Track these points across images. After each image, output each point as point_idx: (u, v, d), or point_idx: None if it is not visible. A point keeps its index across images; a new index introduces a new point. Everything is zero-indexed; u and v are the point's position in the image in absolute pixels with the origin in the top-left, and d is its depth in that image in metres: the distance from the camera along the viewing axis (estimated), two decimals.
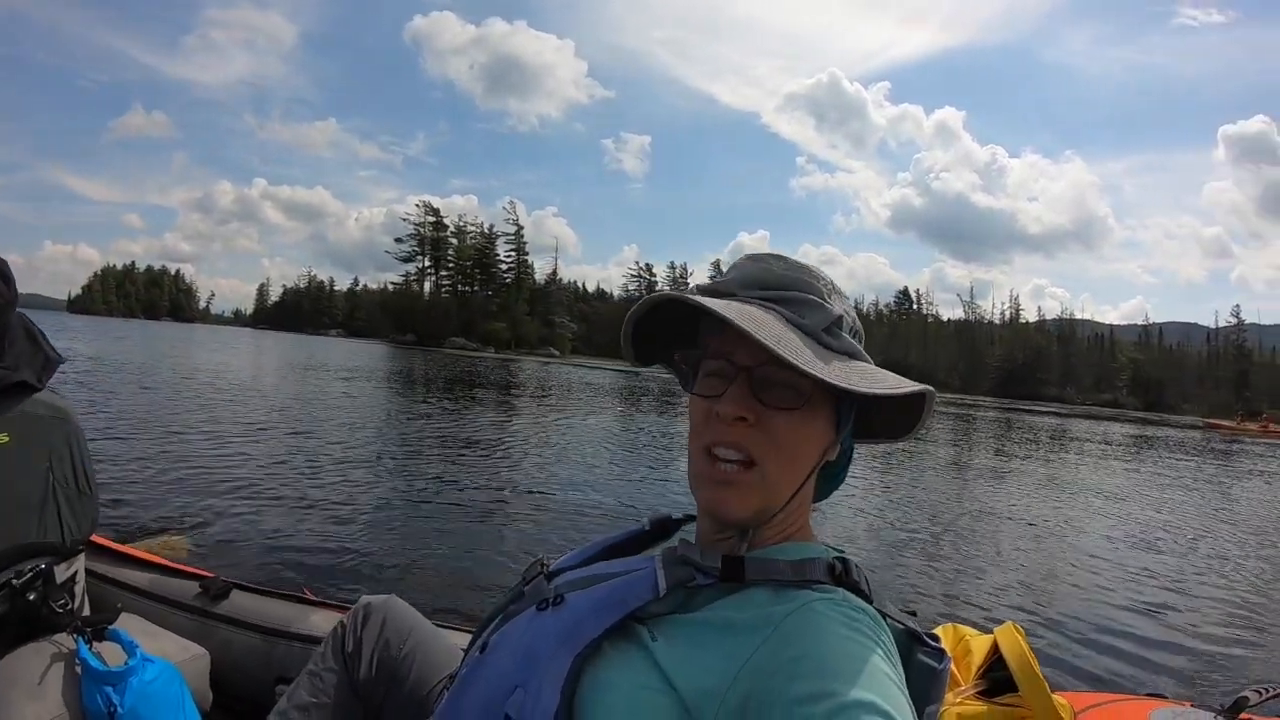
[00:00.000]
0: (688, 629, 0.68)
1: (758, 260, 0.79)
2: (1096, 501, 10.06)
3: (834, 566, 0.72)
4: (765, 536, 0.76)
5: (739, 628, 0.65)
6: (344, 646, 1.22)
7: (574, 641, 0.68)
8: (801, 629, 0.63)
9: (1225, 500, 12.07)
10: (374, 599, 1.28)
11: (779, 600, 0.67)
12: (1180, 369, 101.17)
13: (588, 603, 0.72)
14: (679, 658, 0.65)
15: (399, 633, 1.24)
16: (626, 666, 0.66)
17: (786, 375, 0.70)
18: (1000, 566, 5.87)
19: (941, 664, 0.72)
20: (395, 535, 5.11)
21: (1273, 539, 8.51)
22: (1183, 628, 4.76)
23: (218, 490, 5.84)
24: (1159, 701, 1.60)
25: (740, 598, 0.69)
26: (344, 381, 19.64)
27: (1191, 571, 6.40)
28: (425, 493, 6.60)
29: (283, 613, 1.87)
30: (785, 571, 0.70)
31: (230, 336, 60.02)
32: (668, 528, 0.92)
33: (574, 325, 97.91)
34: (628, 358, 0.84)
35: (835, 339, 0.74)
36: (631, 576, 0.73)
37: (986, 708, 1.40)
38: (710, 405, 0.74)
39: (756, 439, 0.72)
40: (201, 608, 1.88)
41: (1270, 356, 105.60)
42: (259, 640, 1.81)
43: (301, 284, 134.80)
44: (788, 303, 0.74)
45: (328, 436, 9.45)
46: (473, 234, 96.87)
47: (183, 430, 8.73)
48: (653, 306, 0.76)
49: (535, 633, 0.73)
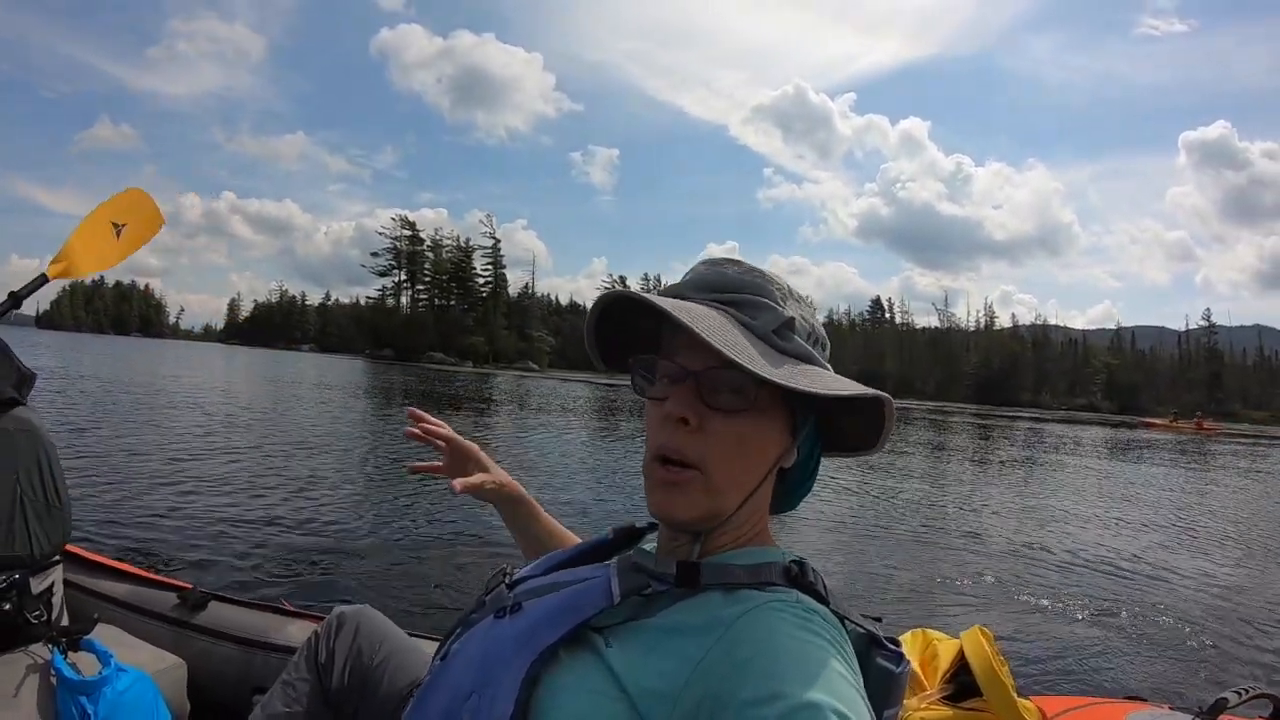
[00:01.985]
0: (642, 634, 0.67)
1: (713, 264, 0.78)
2: (1065, 505, 10.16)
3: (789, 569, 0.72)
4: (720, 543, 0.76)
5: (690, 630, 0.65)
6: (317, 656, 1.23)
7: (529, 649, 0.68)
8: (752, 630, 0.63)
9: (1195, 499, 12.27)
10: (347, 609, 1.29)
11: (731, 603, 0.67)
12: (1153, 372, 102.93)
13: (543, 610, 0.72)
14: (631, 663, 0.65)
15: (372, 642, 1.24)
16: (580, 672, 0.66)
17: (732, 378, 0.70)
18: (972, 571, 5.88)
19: (900, 667, 0.72)
20: (372, 546, 5.13)
21: (1243, 537, 8.65)
22: (1158, 630, 4.78)
23: (197, 503, 5.83)
24: (1136, 704, 1.60)
25: (694, 602, 0.69)
26: (323, 398, 19.49)
27: (1165, 572, 6.45)
28: (403, 505, 6.62)
29: (260, 623, 1.88)
30: (740, 576, 0.70)
31: (202, 352, 59.13)
32: (632, 536, 0.92)
33: (551, 339, 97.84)
34: (595, 361, 0.85)
35: (786, 341, 0.73)
36: (586, 584, 0.73)
37: (951, 712, 1.42)
38: (660, 408, 0.74)
39: (700, 442, 0.71)
40: (179, 618, 1.88)
41: (1241, 357, 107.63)
42: (236, 651, 1.82)
43: (273, 298, 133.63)
44: (740, 305, 0.74)
45: (308, 451, 9.44)
46: (449, 247, 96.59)
47: (161, 446, 8.68)
48: (604, 308, 0.77)
49: (492, 640, 0.73)
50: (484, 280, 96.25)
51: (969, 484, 12.05)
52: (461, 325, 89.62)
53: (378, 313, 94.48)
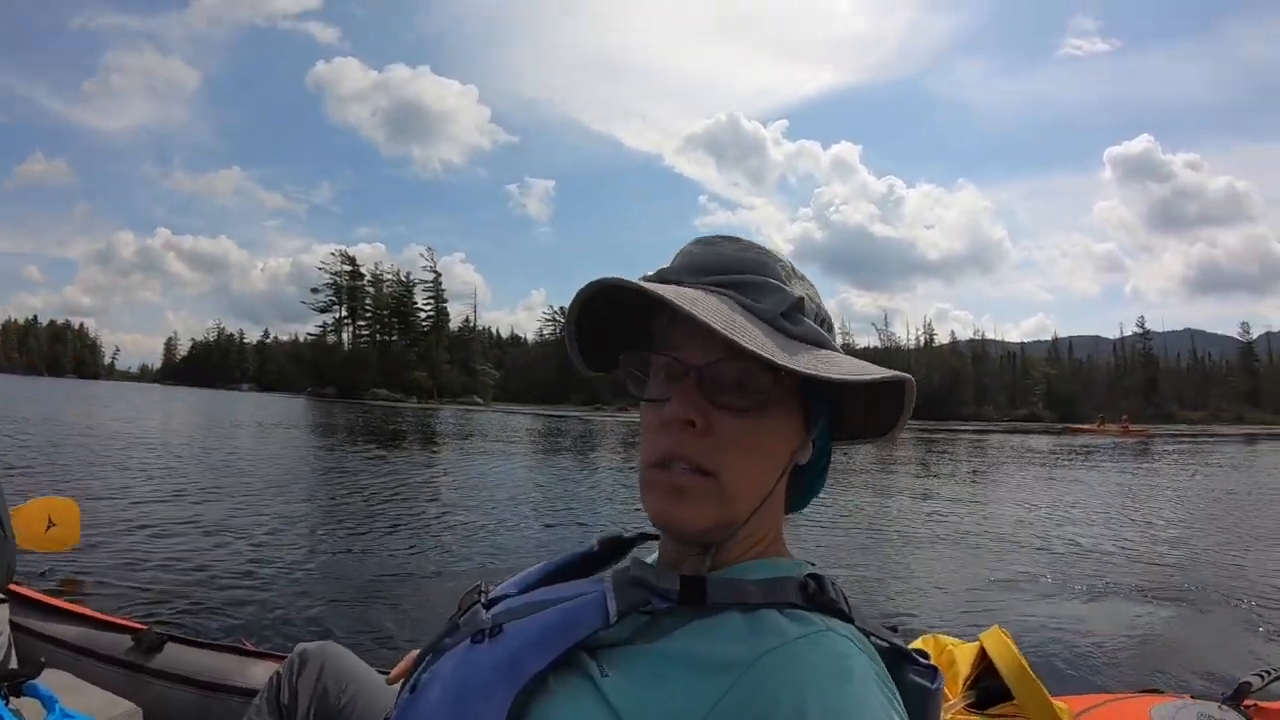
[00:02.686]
0: (644, 662, 0.59)
1: (707, 243, 0.70)
2: (1028, 508, 10.48)
3: (806, 585, 0.64)
4: (733, 554, 0.68)
5: (705, 664, 0.56)
6: (280, 698, 1.13)
7: (513, 677, 0.60)
8: (781, 674, 0.54)
9: (1156, 494, 12.92)
10: (310, 646, 1.19)
11: (753, 633, 0.58)
12: (1090, 381, 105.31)
13: (528, 633, 0.64)
14: (633, 697, 0.56)
15: (338, 680, 1.14)
16: (573, 706, 0.58)
17: (741, 371, 0.64)
18: (959, 576, 5.95)
19: (935, 684, 0.65)
20: (337, 581, 5.06)
21: (1224, 528, 8.90)
22: (1160, 621, 4.78)
23: (152, 544, 5.77)
24: (1157, 697, 1.53)
25: (706, 626, 0.60)
26: (270, 437, 19.42)
27: (1152, 563, 6.60)
28: (367, 539, 6.59)
29: (220, 665, 1.79)
30: (753, 593, 0.62)
31: (141, 394, 58.36)
32: (620, 548, 0.85)
33: (495, 372, 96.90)
34: (576, 363, 0.76)
35: (796, 325, 0.66)
36: (578, 601, 0.65)
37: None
38: (659, 411, 0.66)
39: (710, 445, 0.64)
40: (133, 661, 1.80)
41: (1175, 361, 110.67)
42: (194, 695, 1.74)
43: (210, 337, 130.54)
44: (741, 287, 0.66)
45: (262, 490, 9.30)
46: (389, 282, 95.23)
47: (110, 486, 8.61)
48: (586, 301, 0.67)
49: (469, 668, 0.64)
50: (426, 315, 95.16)
51: (933, 493, 12.42)
52: (404, 361, 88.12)
53: (319, 350, 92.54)
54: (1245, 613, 5.06)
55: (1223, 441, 38.72)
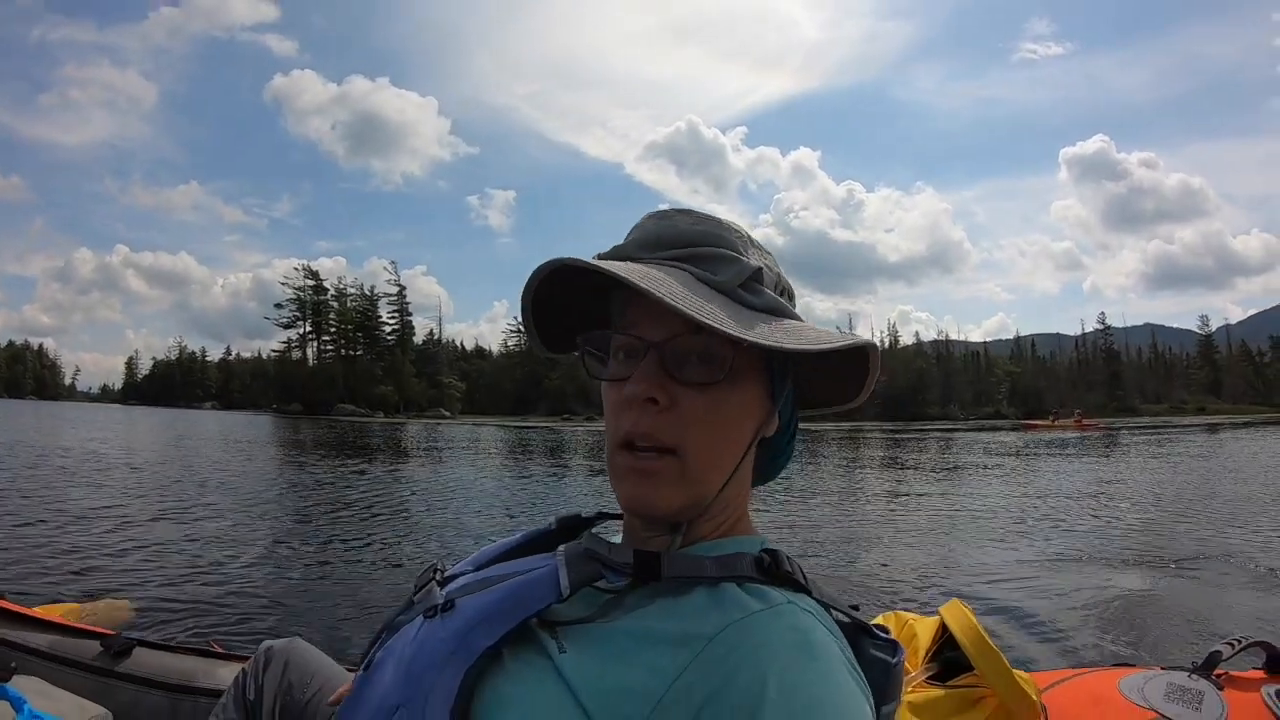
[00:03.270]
0: (605, 639, 0.58)
1: (661, 217, 0.69)
2: (994, 497, 10.70)
3: (761, 560, 0.62)
4: (701, 532, 0.67)
5: (665, 638, 0.55)
6: (245, 695, 1.12)
7: (464, 652, 0.59)
8: (742, 648, 0.53)
9: (1117, 480, 13.29)
10: (276, 643, 1.17)
11: (715, 607, 0.57)
12: (1053, 377, 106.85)
13: (480, 607, 0.62)
14: (590, 673, 0.55)
15: (303, 676, 1.12)
16: (528, 681, 0.56)
17: (702, 345, 0.62)
18: (917, 561, 6.01)
19: (896, 657, 0.64)
20: (302, 580, 5.14)
21: (1182, 509, 9.11)
22: (1126, 596, 4.79)
23: (121, 554, 5.81)
24: (1126, 669, 1.51)
25: (669, 602, 0.59)
26: (235, 452, 19.30)
27: (1114, 544, 6.76)
28: (333, 543, 6.66)
29: (188, 668, 1.80)
30: (709, 568, 0.61)
31: (104, 414, 57.38)
32: (577, 528, 0.83)
33: (461, 385, 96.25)
34: (534, 346, 0.74)
35: (755, 295, 0.65)
36: (530, 576, 0.64)
37: (943, 693, 1.33)
38: (620, 390, 0.65)
39: (673, 422, 0.62)
40: (103, 666, 1.79)
41: (1137, 356, 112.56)
42: (164, 698, 1.74)
43: (171, 355, 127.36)
44: (697, 260, 0.65)
45: (229, 503, 9.33)
46: (353, 296, 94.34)
47: (76, 501, 8.68)
48: (544, 278, 0.65)
49: (421, 644, 0.63)
50: (390, 329, 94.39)
51: (896, 486, 12.74)
52: (370, 375, 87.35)
53: (284, 366, 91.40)
54: (1209, 587, 5.15)
55: (1181, 431, 39.60)
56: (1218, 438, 31.56)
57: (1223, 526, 7.73)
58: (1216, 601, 4.76)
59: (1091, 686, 1.45)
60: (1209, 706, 1.34)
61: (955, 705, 1.33)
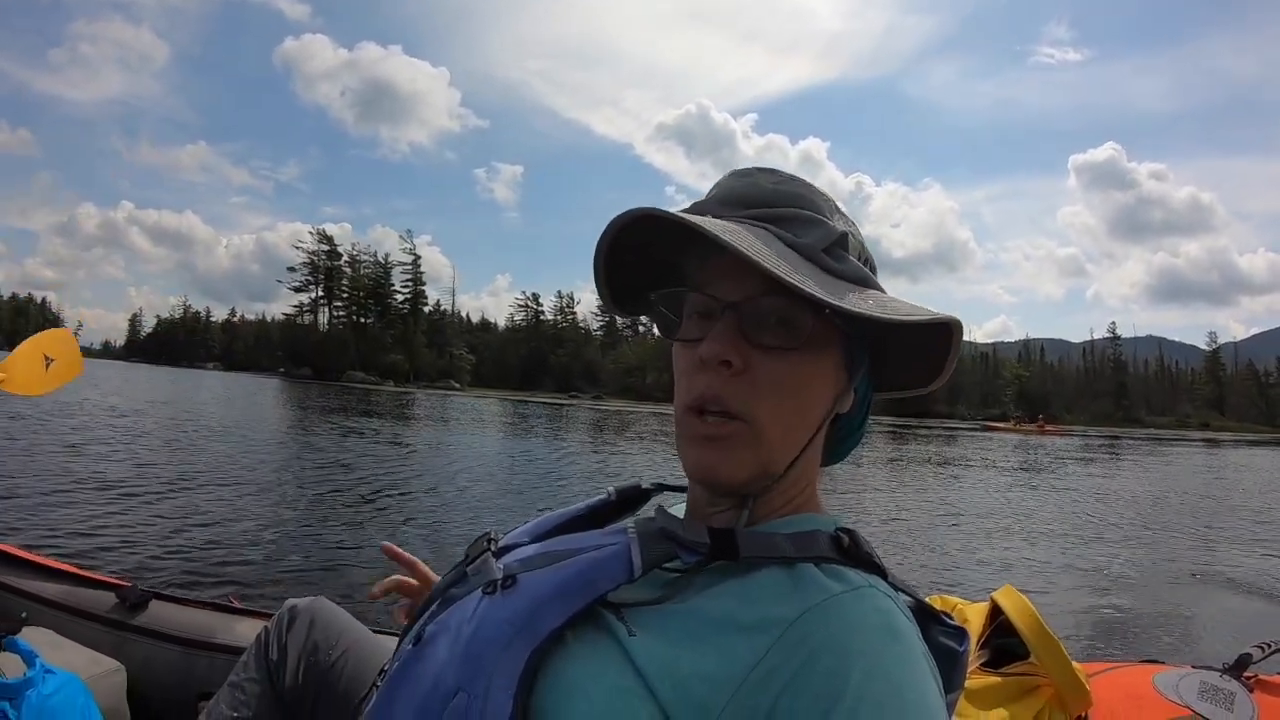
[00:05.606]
0: (674, 621, 0.54)
1: (744, 175, 0.66)
2: (1009, 495, 10.70)
3: (840, 539, 0.59)
4: (771, 507, 0.64)
5: (743, 622, 0.52)
6: (268, 654, 1.10)
7: (530, 633, 0.54)
8: (824, 631, 0.50)
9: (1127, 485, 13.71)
10: (299, 601, 1.16)
11: (795, 589, 0.54)
12: (1060, 382, 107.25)
13: (546, 585, 0.58)
14: (662, 657, 0.51)
15: (328, 636, 1.11)
16: (595, 665, 0.53)
17: (781, 308, 0.59)
18: (945, 550, 5.91)
19: (963, 646, 0.61)
20: (326, 537, 4.97)
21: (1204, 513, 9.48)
22: (1149, 595, 4.76)
23: (137, 504, 5.66)
24: (1157, 666, 1.50)
25: (744, 583, 0.55)
26: (256, 415, 19.32)
27: (1136, 545, 6.68)
28: (358, 494, 6.53)
29: (206, 622, 1.76)
30: (785, 547, 0.57)
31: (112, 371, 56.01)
32: (636, 500, 0.81)
33: (471, 357, 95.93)
34: (605, 304, 0.70)
35: (840, 262, 0.61)
36: (599, 553, 0.59)
37: (999, 680, 1.31)
38: (694, 352, 0.62)
39: (746, 387, 0.59)
40: (117, 619, 1.75)
41: (1143, 368, 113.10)
42: (179, 653, 1.70)
43: (175, 314, 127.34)
44: (781, 221, 0.61)
45: (253, 461, 9.26)
46: (366, 263, 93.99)
47: (96, 453, 8.55)
48: (619, 230, 0.62)
49: (481, 622, 0.58)
50: (403, 297, 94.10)
51: (908, 482, 12.78)
52: (381, 343, 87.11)
53: (294, 329, 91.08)
54: (1235, 590, 5.13)
55: (1195, 445, 40.16)
56: (1233, 454, 32.08)
57: (1236, 540, 7.71)
58: (1242, 606, 4.76)
59: (1127, 681, 1.45)
60: (1240, 707, 1.34)
61: (1011, 693, 1.31)
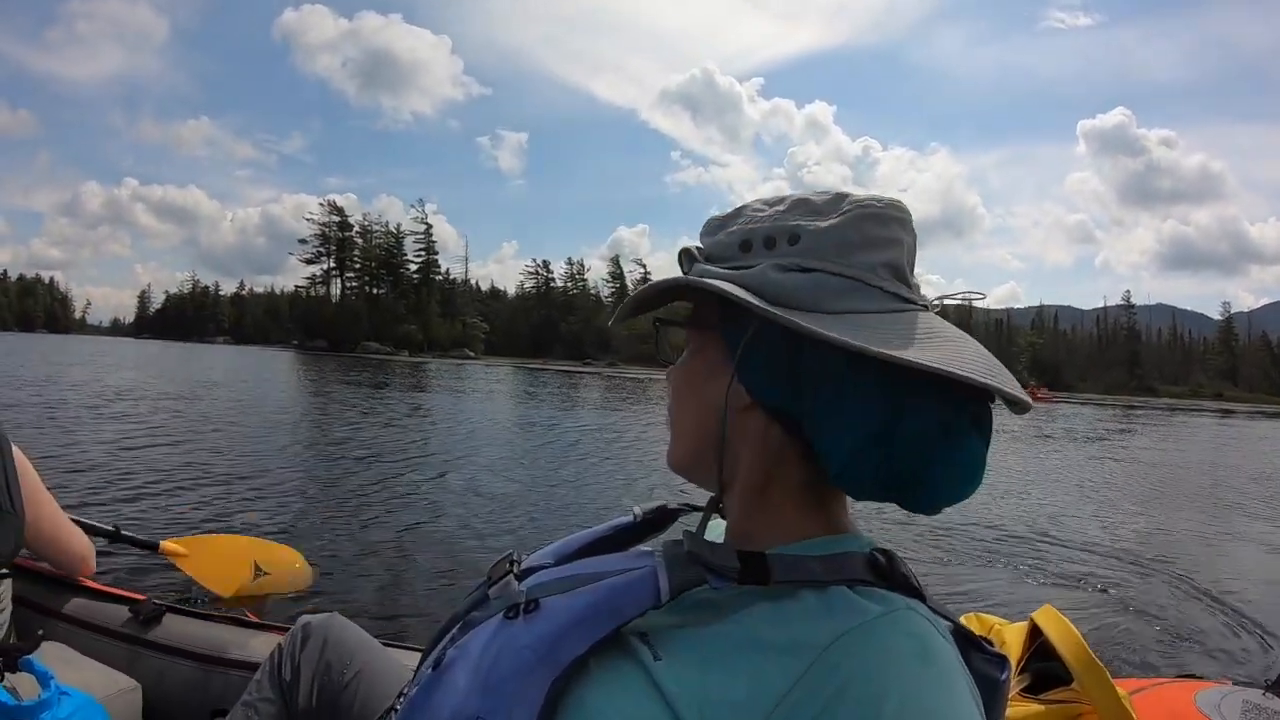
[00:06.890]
0: (704, 646, 0.52)
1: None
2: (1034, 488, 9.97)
3: (875, 560, 0.56)
4: (749, 527, 0.61)
5: (774, 647, 0.50)
6: (281, 673, 1.12)
7: (552, 660, 0.53)
8: (858, 656, 0.48)
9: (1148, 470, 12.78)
10: (314, 618, 1.18)
11: (828, 613, 0.51)
12: (1073, 350, 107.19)
13: (569, 610, 0.56)
14: (691, 684, 0.49)
15: (342, 655, 1.12)
16: (619, 693, 0.51)
17: None
18: (967, 557, 5.59)
19: (1004, 674, 0.58)
20: (343, 549, 4.80)
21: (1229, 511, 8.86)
22: (1178, 607, 4.58)
23: (150, 509, 5.42)
24: (1198, 683, 1.49)
25: (771, 607, 0.53)
26: (269, 393, 18.94)
27: (1163, 550, 6.31)
28: (377, 504, 6.25)
29: (220, 637, 1.72)
30: (817, 570, 0.54)
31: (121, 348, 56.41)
32: (662, 520, 0.78)
33: (485, 325, 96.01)
34: (617, 319, 0.73)
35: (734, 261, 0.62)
36: (625, 577, 0.56)
37: (1041, 708, 1.27)
38: None
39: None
40: (132, 634, 1.72)
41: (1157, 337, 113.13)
42: (194, 669, 1.66)
43: (184, 289, 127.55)
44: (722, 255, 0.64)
45: (266, 450, 8.90)
46: (378, 234, 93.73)
47: (103, 447, 8.05)
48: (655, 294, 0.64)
49: (502, 647, 0.57)
50: (415, 267, 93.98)
51: None
52: (394, 314, 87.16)
53: (306, 302, 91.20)
54: (1268, 603, 4.88)
55: (1196, 414, 40.50)
56: (1256, 426, 32.05)
57: None
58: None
59: (1168, 699, 1.41)
60: None
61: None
